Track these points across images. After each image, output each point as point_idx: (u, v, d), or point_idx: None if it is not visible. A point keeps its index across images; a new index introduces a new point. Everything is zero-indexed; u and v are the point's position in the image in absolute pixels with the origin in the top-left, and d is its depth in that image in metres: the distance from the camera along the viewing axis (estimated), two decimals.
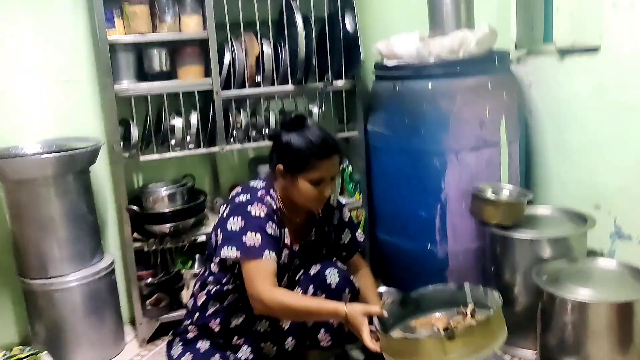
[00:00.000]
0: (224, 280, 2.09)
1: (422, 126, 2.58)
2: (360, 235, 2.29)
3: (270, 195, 2.05)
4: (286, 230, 2.08)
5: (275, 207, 2.04)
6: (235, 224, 1.95)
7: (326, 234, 2.20)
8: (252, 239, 1.91)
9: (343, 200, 2.93)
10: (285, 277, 2.11)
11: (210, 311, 2.11)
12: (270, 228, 1.96)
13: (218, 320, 2.12)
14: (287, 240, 2.08)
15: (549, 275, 2.14)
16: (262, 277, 1.88)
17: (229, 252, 1.92)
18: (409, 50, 2.61)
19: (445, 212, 2.61)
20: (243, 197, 2.01)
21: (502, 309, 1.76)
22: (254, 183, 2.09)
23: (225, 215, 2.01)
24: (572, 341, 2.04)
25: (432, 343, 1.65)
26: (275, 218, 2.01)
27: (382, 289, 2.89)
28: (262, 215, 1.96)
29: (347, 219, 2.26)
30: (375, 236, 2.97)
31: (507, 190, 2.55)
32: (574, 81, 2.59)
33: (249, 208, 1.96)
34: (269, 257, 1.90)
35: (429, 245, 2.66)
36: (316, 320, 2.04)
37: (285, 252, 2.07)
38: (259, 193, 2.02)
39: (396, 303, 2.00)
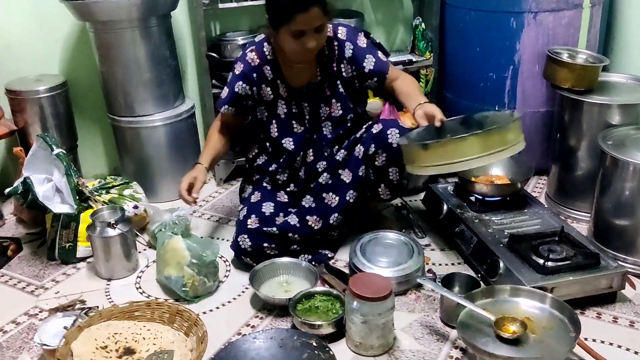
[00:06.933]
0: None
1: None
2: (382, 55, 2.15)
3: (258, 50, 2.12)
4: (281, 80, 2.14)
5: (259, 62, 2.12)
6: None
7: (337, 71, 2.14)
8: (224, 92, 2.20)
9: (413, 58, 2.96)
10: (306, 121, 2.19)
11: (259, 163, 2.30)
12: (239, 87, 2.14)
13: (267, 177, 2.28)
14: (283, 90, 2.15)
15: (615, 141, 2.14)
16: (216, 119, 2.29)
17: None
18: None
19: (517, 75, 2.61)
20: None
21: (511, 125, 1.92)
22: (259, 37, 2.19)
23: None
24: (627, 205, 2.06)
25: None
26: (254, 75, 2.12)
27: None
28: (237, 72, 2.15)
29: (365, 45, 2.13)
30: (443, 95, 3.00)
31: (583, 55, 2.49)
32: None
33: (234, 66, 2.17)
34: (226, 111, 2.20)
35: (497, 107, 2.68)
36: None
37: (281, 102, 2.16)
38: (248, 49, 2.14)
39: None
